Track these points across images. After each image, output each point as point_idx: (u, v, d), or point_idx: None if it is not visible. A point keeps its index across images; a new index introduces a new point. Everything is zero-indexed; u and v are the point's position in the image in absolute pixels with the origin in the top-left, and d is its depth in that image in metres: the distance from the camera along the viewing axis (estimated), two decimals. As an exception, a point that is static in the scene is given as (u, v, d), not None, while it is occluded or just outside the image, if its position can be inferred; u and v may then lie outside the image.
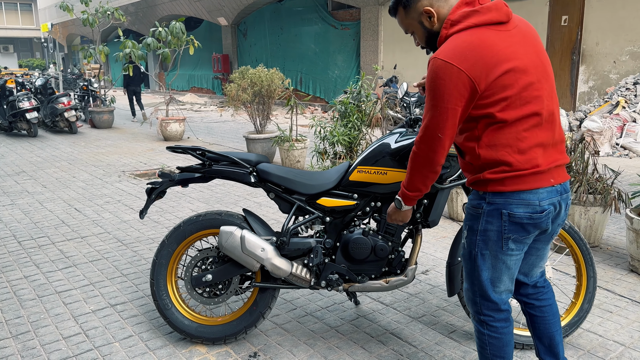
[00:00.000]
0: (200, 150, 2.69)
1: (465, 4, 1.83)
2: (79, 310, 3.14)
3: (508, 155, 1.79)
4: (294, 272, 2.59)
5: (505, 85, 1.74)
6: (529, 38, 1.82)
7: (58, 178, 6.79)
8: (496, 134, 1.79)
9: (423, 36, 1.96)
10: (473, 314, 2.04)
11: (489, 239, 1.88)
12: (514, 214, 1.82)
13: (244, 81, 7.52)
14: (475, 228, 1.90)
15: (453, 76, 1.72)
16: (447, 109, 1.76)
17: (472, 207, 1.92)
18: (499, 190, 1.82)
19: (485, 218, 1.87)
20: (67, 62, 35.56)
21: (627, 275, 3.56)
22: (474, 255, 1.93)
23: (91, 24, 11.08)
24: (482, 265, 1.92)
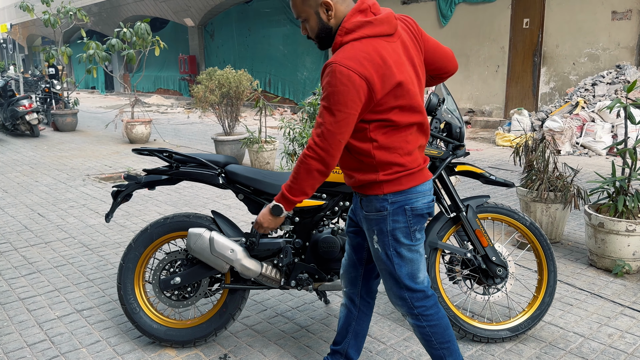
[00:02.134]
0: (167, 152, 2.68)
1: (359, 12, 1.88)
2: (44, 316, 3.07)
3: (400, 157, 1.93)
4: (263, 273, 2.59)
5: (397, 96, 1.85)
6: (408, 48, 1.93)
7: (20, 183, 6.61)
8: (389, 137, 1.91)
9: (316, 27, 1.94)
10: (406, 313, 2.09)
11: (400, 235, 1.98)
12: (416, 207, 1.98)
13: (211, 82, 7.47)
14: (385, 229, 1.99)
15: (355, 83, 1.77)
16: (348, 114, 1.81)
17: (376, 211, 1.98)
18: (397, 189, 1.95)
19: (392, 217, 1.97)
20: (27, 63, 34.55)
21: (587, 270, 3.70)
22: (391, 254, 2.01)
23: (53, 24, 10.82)
24: (400, 262, 2.01)
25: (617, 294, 3.30)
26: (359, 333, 2.36)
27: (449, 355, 2.10)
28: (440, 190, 2.78)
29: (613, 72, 8.95)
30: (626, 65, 8.85)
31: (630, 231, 3.47)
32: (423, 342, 2.12)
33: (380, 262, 2.05)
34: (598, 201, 3.81)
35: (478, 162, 7.59)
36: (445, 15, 11.73)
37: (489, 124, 10.94)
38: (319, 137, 1.84)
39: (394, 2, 12.77)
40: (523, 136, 4.51)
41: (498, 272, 2.67)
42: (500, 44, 10.87)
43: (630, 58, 9.09)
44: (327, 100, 1.80)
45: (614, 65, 9.17)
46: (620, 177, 3.61)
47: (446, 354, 2.09)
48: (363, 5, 1.88)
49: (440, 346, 2.08)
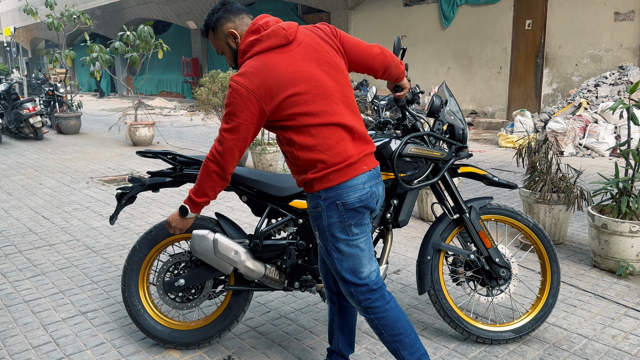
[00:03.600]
0: (171, 155, 2.69)
1: (251, 32, 2.05)
2: (49, 318, 3.09)
3: (321, 153, 2.01)
4: (267, 274, 2.60)
5: (297, 103, 1.98)
6: (313, 53, 2.04)
7: (24, 185, 6.64)
8: (305, 137, 2.01)
9: (231, 56, 2.14)
10: (356, 306, 2.16)
11: (336, 230, 2.06)
12: (347, 202, 2.04)
13: (214, 85, 7.49)
14: (322, 225, 2.07)
15: (243, 96, 1.95)
16: (240, 124, 1.98)
17: (312, 208, 2.09)
18: (327, 186, 2.03)
19: (326, 213, 2.05)
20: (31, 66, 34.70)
21: (590, 271, 3.69)
22: (330, 250, 2.09)
23: (56, 27, 10.87)
24: (340, 257, 2.08)
25: (621, 295, 3.30)
26: (344, 327, 2.40)
27: (403, 348, 2.13)
28: (443, 192, 2.78)
29: (616, 73, 8.94)
30: (629, 66, 8.84)
31: (634, 232, 3.47)
32: (377, 334, 2.17)
33: (325, 258, 2.14)
34: (601, 202, 3.81)
35: (481, 163, 7.59)
36: (447, 17, 11.74)
37: (492, 126, 10.94)
38: (217, 142, 2.04)
39: (396, 5, 12.79)
40: (526, 137, 4.51)
41: (501, 273, 2.68)
42: (502, 45, 10.87)
43: (633, 59, 9.08)
44: (224, 111, 2.02)
45: (617, 66, 9.16)
46: (624, 178, 3.61)
47: (399, 347, 2.13)
48: (254, 27, 2.05)
49: (391, 339, 2.13)
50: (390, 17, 12.94)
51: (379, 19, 13.22)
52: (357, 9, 13.78)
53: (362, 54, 2.20)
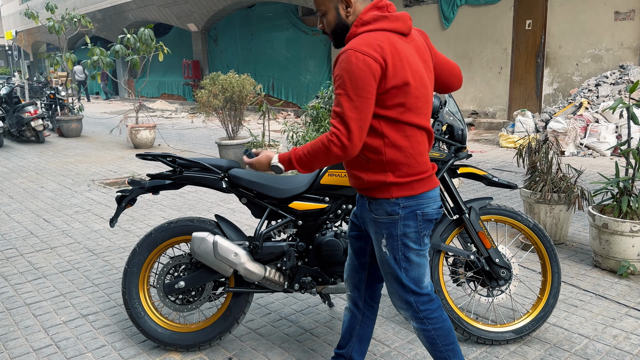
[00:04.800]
0: (171, 157, 2.69)
1: (376, 7, 1.92)
2: (50, 321, 3.09)
3: (411, 158, 1.90)
4: (267, 276, 2.60)
5: (405, 93, 1.85)
6: (422, 53, 1.97)
7: (25, 188, 6.65)
8: (400, 135, 1.89)
9: (333, 22, 1.96)
10: (410, 316, 2.08)
11: (409, 240, 1.97)
12: (427, 212, 1.97)
13: (214, 87, 7.50)
14: (395, 234, 1.97)
15: (372, 67, 1.77)
16: (367, 99, 1.79)
17: (386, 215, 1.96)
18: (409, 194, 1.93)
19: (403, 222, 1.95)
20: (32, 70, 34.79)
21: (591, 271, 3.69)
22: (399, 259, 1.99)
23: (57, 31, 10.89)
24: (408, 266, 2.00)
25: (622, 295, 3.29)
26: (363, 337, 2.34)
27: (454, 356, 2.10)
28: (443, 193, 2.78)
29: (617, 72, 8.92)
30: (630, 66, 8.83)
31: (635, 232, 3.46)
32: (428, 345, 2.11)
33: (387, 266, 2.03)
34: (602, 202, 3.80)
35: (482, 163, 7.58)
36: (447, 17, 11.74)
37: (493, 126, 10.93)
38: (341, 125, 1.80)
39: (396, 4, 12.78)
40: (526, 138, 4.51)
41: (501, 274, 2.67)
42: (503, 45, 10.87)
43: (633, 58, 9.07)
44: (344, 86, 1.79)
45: (618, 65, 9.15)
46: (624, 178, 3.60)
47: (451, 355, 2.10)
48: (380, 3, 1.92)
49: (445, 348, 2.08)
50: (391, 18, 12.94)
51: (379, 20, 13.23)
52: (358, 10, 13.78)
53: (447, 70, 2.15)
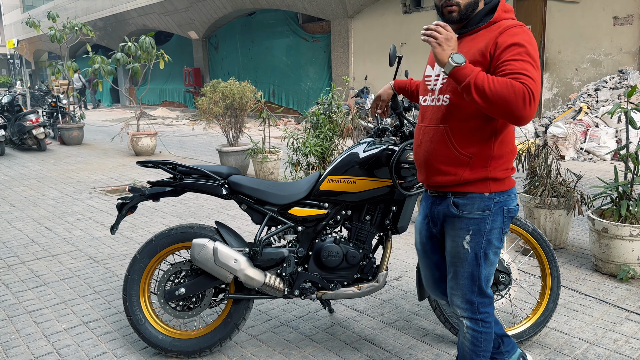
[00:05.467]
0: (171, 164, 2.71)
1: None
2: (51, 329, 3.10)
3: (510, 154, 1.94)
4: (267, 282, 2.61)
5: None
6: None
7: (27, 196, 6.67)
8: (509, 130, 1.92)
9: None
10: (466, 316, 2.05)
11: (493, 237, 1.97)
12: (512, 208, 1.99)
13: (215, 94, 7.53)
14: (483, 229, 1.95)
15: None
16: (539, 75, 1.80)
17: (479, 210, 1.94)
18: (502, 189, 1.94)
19: (492, 218, 1.95)
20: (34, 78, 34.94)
21: (591, 275, 3.69)
22: (480, 256, 1.97)
23: (58, 40, 10.95)
24: (484, 264, 1.98)
25: (623, 299, 3.29)
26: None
27: None
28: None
29: (616, 77, 8.95)
30: (629, 70, 8.85)
31: (634, 236, 3.46)
32: (470, 346, 2.08)
33: (463, 263, 1.99)
34: (601, 206, 3.81)
35: (482, 169, 7.58)
36: (447, 23, 11.78)
37: (493, 131, 10.93)
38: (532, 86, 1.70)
39: (395, 12, 12.85)
40: (525, 142, 4.52)
41: (501, 278, 2.68)
42: (502, 51, 10.88)
43: (632, 63, 9.09)
44: (528, 55, 1.76)
45: (617, 70, 9.17)
46: (623, 182, 3.61)
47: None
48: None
49: (484, 354, 2.09)
50: (390, 24, 13.00)
51: (378, 26, 13.29)
52: (357, 17, 13.85)
53: None
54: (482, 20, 1.93)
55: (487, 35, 1.86)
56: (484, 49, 1.84)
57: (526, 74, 1.71)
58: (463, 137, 1.90)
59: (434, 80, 2.02)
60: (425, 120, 2.03)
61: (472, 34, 1.93)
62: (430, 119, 2.00)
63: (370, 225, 2.67)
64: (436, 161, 1.96)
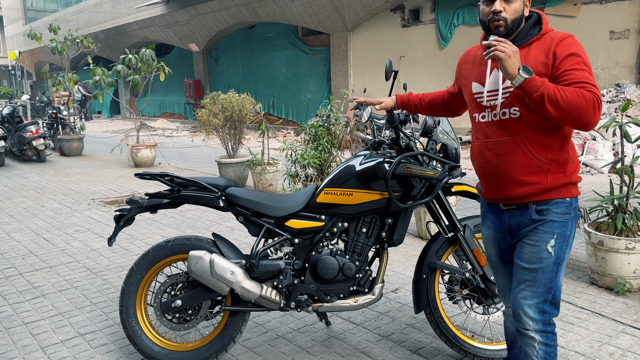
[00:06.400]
0: (169, 176, 2.73)
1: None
2: (48, 340, 3.10)
3: (576, 156, 2.00)
4: (263, 295, 2.62)
5: None
6: None
7: (26, 208, 6.69)
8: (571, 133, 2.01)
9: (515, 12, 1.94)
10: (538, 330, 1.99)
11: (571, 242, 2.02)
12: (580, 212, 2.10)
13: (215, 106, 7.58)
14: (566, 233, 1.99)
15: None
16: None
17: (562, 214, 1.97)
18: (578, 194, 2.00)
19: (572, 222, 1.99)
20: (35, 89, 35.08)
21: (588, 288, 3.69)
22: (560, 261, 1.99)
23: (60, 52, 11.03)
24: (561, 270, 2.01)
25: (619, 312, 3.30)
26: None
27: None
28: (438, 211, 2.81)
29: (613, 90, 9.01)
30: (625, 84, 8.91)
31: (630, 249, 3.48)
32: None
33: (544, 269, 1.97)
34: (597, 219, 3.83)
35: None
36: (445, 37, 11.88)
37: (491, 144, 10.97)
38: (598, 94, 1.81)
39: (394, 26, 12.96)
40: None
41: (497, 291, 2.69)
42: (500, 64, 10.97)
43: (629, 76, 9.16)
44: (585, 64, 1.87)
45: (614, 83, 9.23)
46: (618, 195, 3.63)
47: None
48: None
49: None
50: (389, 38, 13.10)
51: (377, 40, 13.39)
52: (356, 31, 13.96)
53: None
54: (529, 33, 1.99)
55: (541, 47, 1.93)
56: (545, 60, 1.90)
57: (590, 82, 1.82)
58: (540, 144, 1.95)
59: (490, 96, 2.03)
60: (489, 136, 2.05)
61: (525, 47, 1.97)
62: (498, 133, 2.01)
63: (366, 237, 2.69)
64: (516, 173, 1.98)
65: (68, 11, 26.27)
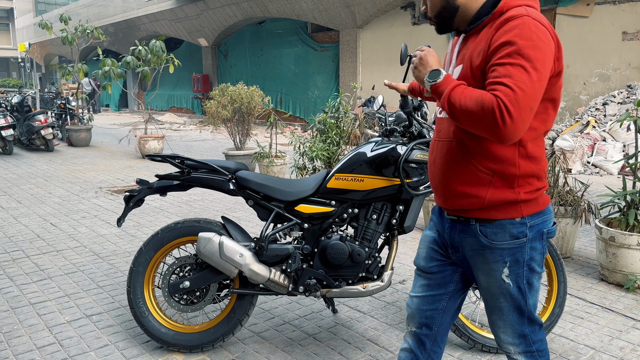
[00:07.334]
0: (179, 159, 2.72)
1: None
2: (54, 321, 3.10)
3: (541, 169, 1.64)
4: (272, 278, 2.60)
5: (557, 85, 1.60)
6: None
7: (33, 194, 6.70)
8: (535, 141, 1.61)
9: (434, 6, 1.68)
10: (521, 352, 1.77)
11: (536, 264, 1.68)
12: (551, 229, 1.70)
13: (224, 98, 7.57)
14: (522, 259, 1.66)
15: (550, 41, 1.48)
16: (545, 77, 1.45)
17: (512, 238, 1.64)
18: (536, 210, 1.65)
19: (530, 245, 1.65)
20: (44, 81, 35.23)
21: (598, 284, 3.66)
22: (523, 287, 1.69)
23: (70, 42, 11.06)
24: (529, 294, 1.71)
25: (629, 308, 3.26)
26: None
27: None
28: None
29: (624, 91, 8.94)
30: (637, 85, 8.85)
31: (642, 245, 3.44)
32: None
33: (507, 298, 1.71)
34: (609, 215, 3.79)
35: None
36: (455, 35, 11.82)
37: (500, 143, 10.92)
38: (508, 98, 1.38)
39: (404, 23, 12.92)
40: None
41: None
42: (510, 64, 10.91)
43: (641, 78, 9.09)
44: (519, 55, 1.42)
45: (625, 85, 9.17)
46: (631, 191, 3.60)
47: None
48: None
49: None
50: (399, 35, 13.06)
51: (387, 37, 13.35)
52: (366, 28, 13.93)
53: None
54: (481, 14, 1.61)
55: (490, 31, 1.54)
56: (484, 47, 1.53)
57: (504, 83, 1.40)
58: (482, 151, 1.59)
59: None
60: (438, 134, 1.74)
61: (474, 34, 1.62)
62: (444, 132, 1.70)
63: (376, 224, 2.67)
64: (453, 181, 1.66)
65: (78, 4, 26.36)
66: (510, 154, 1.57)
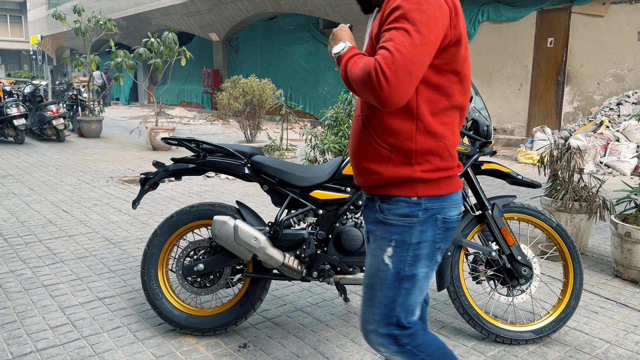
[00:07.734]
0: (195, 142, 2.72)
1: None
2: (67, 302, 3.11)
3: (444, 149, 1.55)
4: (286, 263, 2.59)
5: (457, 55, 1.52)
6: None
7: (45, 182, 6.74)
8: (437, 117, 1.53)
9: None
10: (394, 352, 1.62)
11: (422, 252, 1.58)
12: (449, 218, 1.60)
13: (235, 90, 7.58)
14: (408, 241, 1.56)
15: (442, 6, 1.43)
16: (429, 41, 1.40)
17: (402, 215, 1.56)
18: (434, 194, 1.56)
19: (420, 228, 1.56)
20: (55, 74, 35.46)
21: (612, 280, 3.62)
22: (403, 275, 1.57)
23: (83, 33, 11.11)
24: (410, 288, 1.58)
25: (644, 304, 3.23)
26: None
27: None
28: (466, 188, 2.76)
29: (639, 92, 8.85)
30: (652, 86, 8.75)
31: (658, 241, 3.40)
32: None
33: (381, 284, 1.59)
34: (624, 211, 3.75)
35: (499, 177, 7.51)
36: (468, 33, 11.76)
37: (511, 142, 10.87)
38: (385, 60, 1.36)
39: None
40: (548, 147, 4.47)
41: (523, 272, 2.64)
42: (523, 62, 10.85)
43: (656, 79, 9.00)
44: (404, 18, 1.39)
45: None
46: (648, 187, 3.55)
47: None
48: None
49: None
50: (411, 32, 13.02)
51: (399, 34, 13.31)
52: (378, 24, 13.89)
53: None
54: None
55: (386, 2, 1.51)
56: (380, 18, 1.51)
57: (385, 47, 1.37)
58: (382, 126, 1.55)
59: None
60: (355, 110, 1.69)
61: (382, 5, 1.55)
62: (357, 108, 1.67)
63: None
64: (360, 157, 1.62)
65: (91, -3, 26.49)
66: (407, 127, 1.51)
